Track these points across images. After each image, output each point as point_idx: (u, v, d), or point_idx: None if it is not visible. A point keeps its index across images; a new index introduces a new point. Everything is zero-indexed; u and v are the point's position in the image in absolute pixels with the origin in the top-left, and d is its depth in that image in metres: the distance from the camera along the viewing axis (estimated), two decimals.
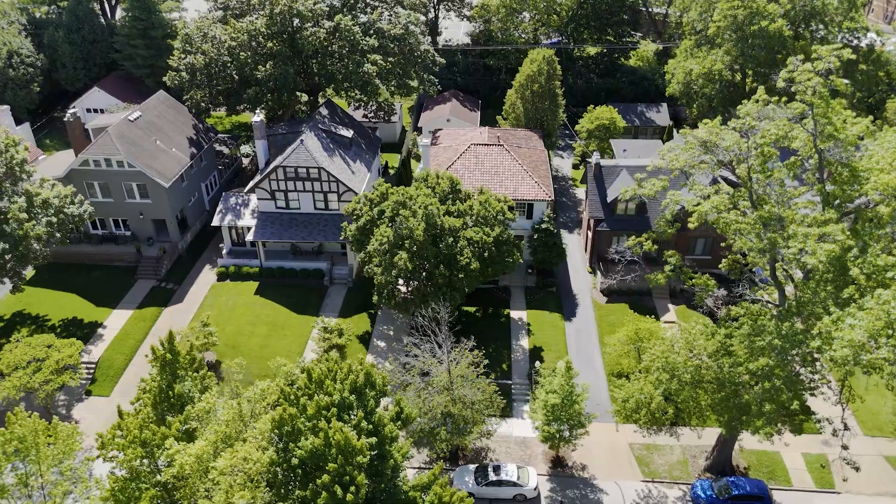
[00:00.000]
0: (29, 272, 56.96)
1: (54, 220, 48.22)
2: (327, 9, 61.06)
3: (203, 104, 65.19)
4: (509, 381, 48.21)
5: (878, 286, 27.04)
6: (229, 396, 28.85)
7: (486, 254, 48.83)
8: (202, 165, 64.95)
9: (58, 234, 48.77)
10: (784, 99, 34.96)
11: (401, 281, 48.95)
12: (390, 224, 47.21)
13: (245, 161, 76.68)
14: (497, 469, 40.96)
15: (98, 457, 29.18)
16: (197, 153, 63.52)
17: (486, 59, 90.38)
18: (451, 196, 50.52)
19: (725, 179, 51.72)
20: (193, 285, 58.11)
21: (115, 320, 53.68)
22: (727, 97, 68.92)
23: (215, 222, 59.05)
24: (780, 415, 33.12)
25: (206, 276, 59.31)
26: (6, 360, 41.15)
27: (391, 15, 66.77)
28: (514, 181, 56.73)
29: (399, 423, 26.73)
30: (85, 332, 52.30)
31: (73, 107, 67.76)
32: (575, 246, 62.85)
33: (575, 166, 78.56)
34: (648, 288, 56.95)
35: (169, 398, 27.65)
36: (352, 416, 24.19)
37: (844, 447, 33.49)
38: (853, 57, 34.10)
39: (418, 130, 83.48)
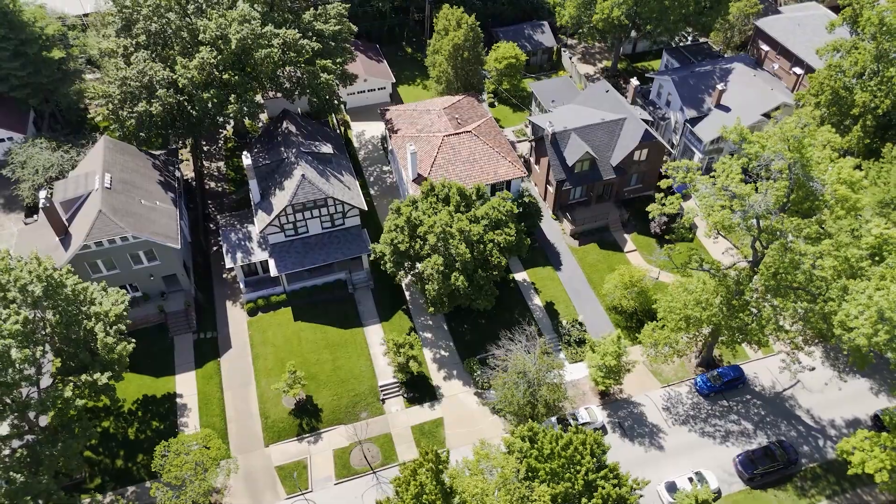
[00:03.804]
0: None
1: (123, 326, 49.69)
2: (278, 31, 60.40)
3: (151, 140, 63.56)
4: (544, 339, 61.02)
5: (848, 267, 42.85)
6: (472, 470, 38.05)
7: (503, 245, 58.84)
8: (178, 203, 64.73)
9: (133, 341, 50.43)
10: None
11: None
12: (436, 250, 54.93)
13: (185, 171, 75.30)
14: (574, 416, 55.21)
15: None
16: (175, 196, 63.27)
17: (371, 1, 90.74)
18: (464, 204, 58.66)
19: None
20: (229, 327, 61.87)
21: (185, 386, 57.34)
22: (618, 34, 79.77)
23: (228, 263, 61.57)
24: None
25: (235, 314, 62.98)
26: (173, 474, 45.82)
27: (322, 9, 66.72)
28: (492, 165, 65.21)
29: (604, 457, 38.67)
30: (166, 406, 55.93)
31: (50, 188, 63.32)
32: (532, 193, 73.73)
33: (491, 105, 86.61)
34: (606, 224, 70.94)
35: (446, 492, 36.58)
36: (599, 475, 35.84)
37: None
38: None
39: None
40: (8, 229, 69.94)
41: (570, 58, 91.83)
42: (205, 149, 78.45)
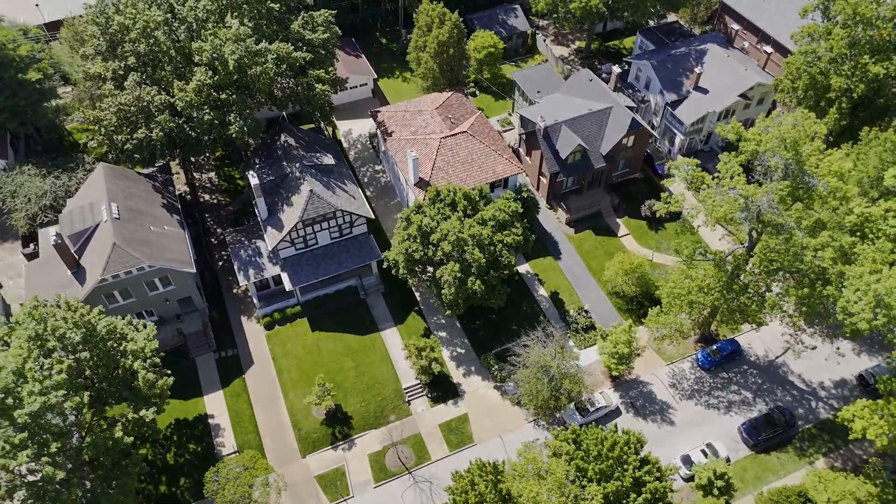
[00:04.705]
0: None
1: (158, 360, 50.61)
2: (272, 47, 60.16)
3: (144, 159, 63.19)
4: (548, 322, 64.20)
5: (842, 255, 46.87)
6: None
7: (511, 244, 61.27)
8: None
9: (169, 372, 51.38)
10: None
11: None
12: (451, 257, 57.01)
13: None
14: (591, 402, 58.88)
15: None
16: (180, 218, 63.36)
17: None
18: (470, 207, 60.60)
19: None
20: (249, 343, 63.05)
21: (215, 406, 58.69)
22: (593, 19, 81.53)
23: (242, 281, 62.40)
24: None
25: (251, 329, 64.11)
26: (227, 498, 47.73)
27: (307, 18, 66.43)
28: (490, 163, 67.03)
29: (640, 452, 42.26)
30: (200, 428, 57.32)
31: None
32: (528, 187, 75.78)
33: (472, 94, 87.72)
34: (598, 210, 73.92)
35: (504, 498, 39.48)
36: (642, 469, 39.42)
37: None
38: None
39: None
40: (4, 260, 68.91)
41: (544, 40, 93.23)
42: (192, 160, 77.80)
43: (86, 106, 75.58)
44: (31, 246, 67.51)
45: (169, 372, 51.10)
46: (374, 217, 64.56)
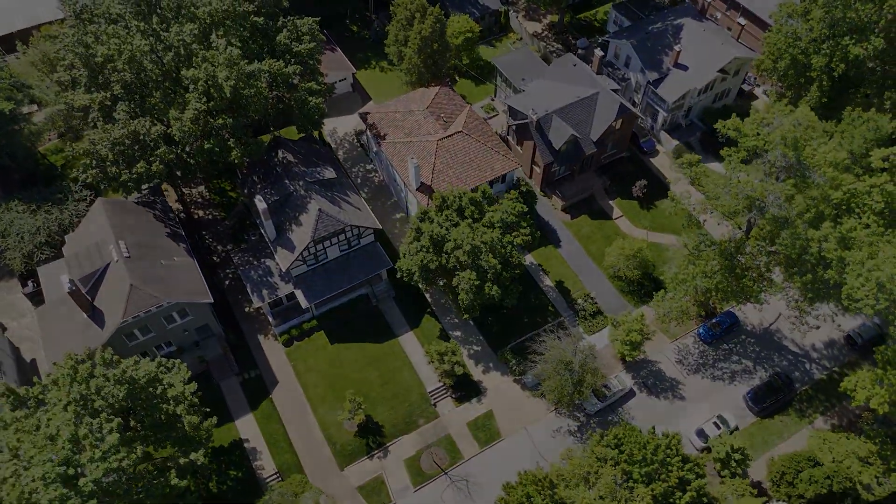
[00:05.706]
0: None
1: (196, 400, 51.37)
2: (265, 67, 58.99)
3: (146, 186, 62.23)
4: (562, 317, 66.94)
5: (841, 240, 50.29)
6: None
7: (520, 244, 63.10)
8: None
9: (208, 410, 52.22)
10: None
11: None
12: (466, 266, 58.49)
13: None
14: (606, 387, 62.24)
15: None
16: (187, 246, 62.88)
17: None
18: (477, 211, 61.83)
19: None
20: (270, 362, 63.91)
21: (248, 430, 59.90)
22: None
23: (256, 303, 62.79)
24: None
25: (270, 347, 64.88)
26: None
27: (291, 28, 64.95)
28: (488, 162, 68.00)
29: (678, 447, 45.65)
30: (237, 453, 58.63)
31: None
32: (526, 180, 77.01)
33: (453, 81, 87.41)
34: (591, 193, 75.96)
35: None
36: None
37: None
38: None
39: None
40: (3, 300, 67.40)
41: (517, 16, 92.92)
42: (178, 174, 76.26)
43: (59, 127, 73.19)
44: (30, 284, 66.22)
45: (208, 410, 51.98)
46: (381, 227, 65.16)
